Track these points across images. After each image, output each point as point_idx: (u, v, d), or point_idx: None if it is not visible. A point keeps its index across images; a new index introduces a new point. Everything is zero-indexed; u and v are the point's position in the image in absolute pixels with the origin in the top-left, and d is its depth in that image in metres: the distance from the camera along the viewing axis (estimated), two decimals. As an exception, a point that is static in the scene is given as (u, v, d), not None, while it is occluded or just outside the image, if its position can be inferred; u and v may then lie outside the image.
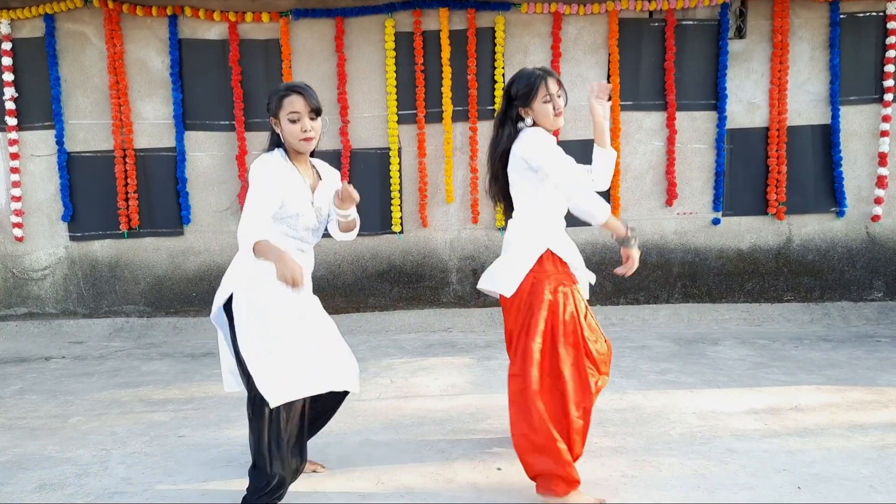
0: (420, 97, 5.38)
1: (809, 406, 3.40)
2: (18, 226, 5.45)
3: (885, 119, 5.40)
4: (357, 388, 2.55)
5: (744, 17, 5.39)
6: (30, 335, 5.36)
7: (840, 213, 5.49)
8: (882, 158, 5.44)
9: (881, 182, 5.45)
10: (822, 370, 4.02)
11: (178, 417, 3.45)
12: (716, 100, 5.44)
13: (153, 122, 5.42)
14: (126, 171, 5.39)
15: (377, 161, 5.47)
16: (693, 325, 5.28)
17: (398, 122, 5.41)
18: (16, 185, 5.40)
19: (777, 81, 5.38)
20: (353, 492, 2.56)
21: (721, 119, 5.42)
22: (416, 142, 5.45)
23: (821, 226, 5.55)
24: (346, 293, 5.58)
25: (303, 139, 2.39)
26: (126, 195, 5.41)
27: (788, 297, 5.58)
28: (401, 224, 5.50)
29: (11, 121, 5.34)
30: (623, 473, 2.66)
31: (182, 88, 5.36)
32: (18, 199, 5.42)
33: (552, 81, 2.60)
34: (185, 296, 5.55)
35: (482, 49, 5.37)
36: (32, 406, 3.71)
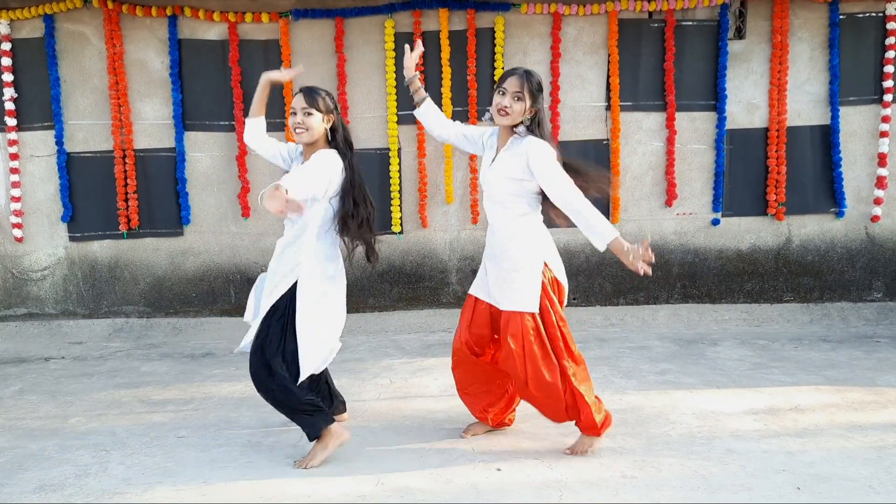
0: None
1: (809, 406, 3.40)
2: (18, 226, 5.44)
3: (885, 119, 5.40)
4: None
5: (743, 18, 5.39)
6: (29, 336, 5.36)
7: (839, 214, 5.49)
8: (881, 159, 5.45)
9: (881, 183, 5.46)
10: (822, 371, 4.02)
11: (178, 418, 3.45)
12: (715, 100, 5.44)
13: (153, 123, 5.42)
14: (126, 172, 5.39)
15: (377, 161, 5.47)
16: (693, 326, 5.29)
17: (398, 123, 5.41)
18: (15, 186, 5.40)
19: (776, 82, 5.38)
20: (354, 493, 2.56)
21: (720, 119, 5.42)
22: (416, 142, 5.45)
23: (820, 226, 5.55)
24: (346, 293, 5.56)
25: (293, 128, 2.83)
26: (126, 195, 5.41)
27: (788, 298, 5.58)
28: (400, 224, 5.50)
29: (11, 121, 5.34)
30: (623, 474, 2.67)
31: (182, 89, 5.36)
32: (18, 200, 5.42)
33: (515, 79, 2.69)
34: (185, 296, 5.55)
35: (482, 49, 5.38)
36: (32, 406, 3.70)
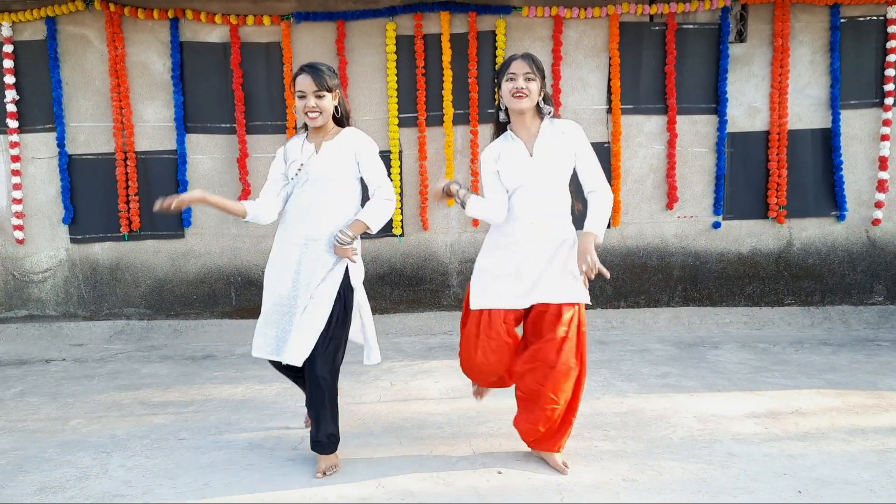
0: (421, 100, 5.38)
1: (810, 410, 3.40)
2: (19, 228, 5.45)
3: (886, 123, 5.40)
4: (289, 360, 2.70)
5: (744, 21, 5.40)
6: (30, 337, 5.36)
7: (840, 217, 5.49)
8: (882, 162, 5.45)
9: (882, 186, 5.46)
10: (823, 374, 4.02)
11: (179, 420, 3.45)
12: (716, 103, 5.44)
13: (154, 125, 5.43)
14: (127, 174, 5.39)
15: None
16: (693, 329, 5.28)
17: (399, 125, 5.41)
18: (17, 188, 5.41)
19: (777, 85, 5.39)
20: (354, 495, 2.56)
21: (721, 123, 5.42)
22: (417, 145, 5.45)
23: (821, 229, 5.55)
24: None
25: (306, 113, 2.67)
26: (127, 198, 5.42)
27: (789, 301, 5.58)
28: (401, 227, 5.51)
29: (13, 123, 5.35)
30: (624, 477, 2.66)
31: (183, 91, 5.37)
32: (19, 202, 5.43)
33: (520, 62, 2.60)
34: (186, 298, 5.55)
35: (483, 52, 5.38)
36: (33, 408, 3.70)
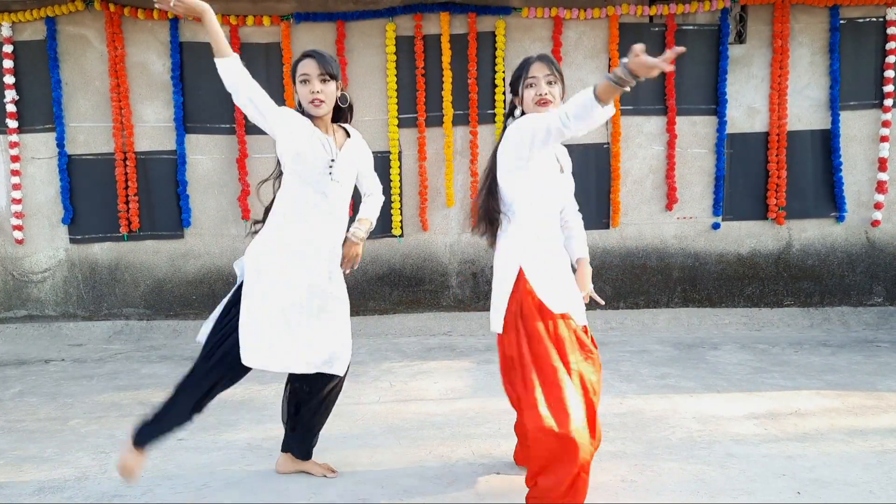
0: (421, 101, 5.38)
1: (809, 411, 3.40)
2: (19, 228, 5.45)
3: (885, 124, 5.41)
4: (333, 370, 2.53)
5: (744, 23, 5.40)
6: (29, 337, 5.36)
7: (840, 218, 5.50)
8: (882, 163, 5.45)
9: (881, 187, 5.46)
10: (822, 375, 4.02)
11: (178, 420, 3.44)
12: (716, 104, 5.45)
13: (154, 125, 5.43)
14: (126, 174, 5.39)
15: (378, 164, 5.38)
16: (693, 330, 5.28)
17: (399, 126, 5.41)
18: (16, 188, 5.41)
19: (777, 86, 5.39)
20: (353, 496, 2.56)
21: (721, 124, 5.43)
22: (417, 145, 5.45)
23: (821, 231, 5.55)
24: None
25: (311, 101, 2.45)
26: (126, 198, 5.42)
27: (788, 302, 5.58)
28: (401, 228, 5.51)
29: (12, 123, 5.35)
30: (623, 478, 2.66)
31: (183, 91, 5.37)
32: (19, 202, 5.42)
33: (539, 64, 2.38)
34: (185, 299, 5.55)
35: (483, 53, 5.38)
36: (32, 408, 3.70)
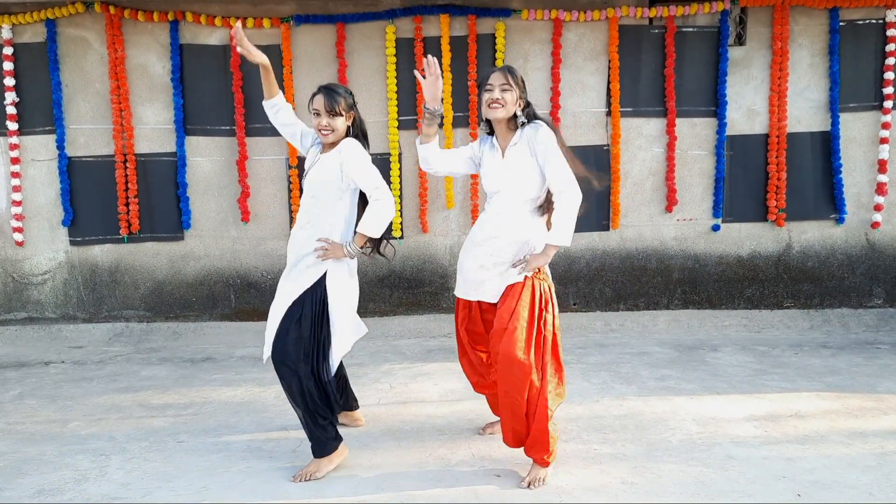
0: (420, 103, 5.39)
1: (809, 413, 3.40)
2: (19, 230, 5.45)
3: (885, 126, 5.41)
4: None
5: (743, 24, 5.41)
6: (29, 340, 5.36)
7: (840, 220, 5.50)
8: (882, 165, 5.46)
9: (881, 189, 5.46)
10: (822, 377, 4.02)
11: (178, 423, 3.45)
12: (716, 106, 5.45)
13: (154, 127, 5.43)
14: (126, 176, 5.39)
15: (378, 167, 5.42)
16: (693, 332, 5.28)
17: (399, 128, 5.42)
18: (16, 190, 5.41)
19: (777, 88, 5.39)
20: (353, 498, 2.56)
21: (721, 125, 5.43)
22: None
23: (820, 232, 5.55)
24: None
25: (318, 130, 2.86)
26: (126, 200, 5.42)
27: (788, 304, 5.58)
28: (401, 229, 5.51)
29: (12, 125, 5.35)
30: (623, 480, 2.66)
31: (183, 93, 5.37)
32: (19, 204, 5.43)
33: (497, 74, 2.73)
34: (185, 301, 5.55)
35: (483, 55, 5.39)
36: (31, 411, 3.70)
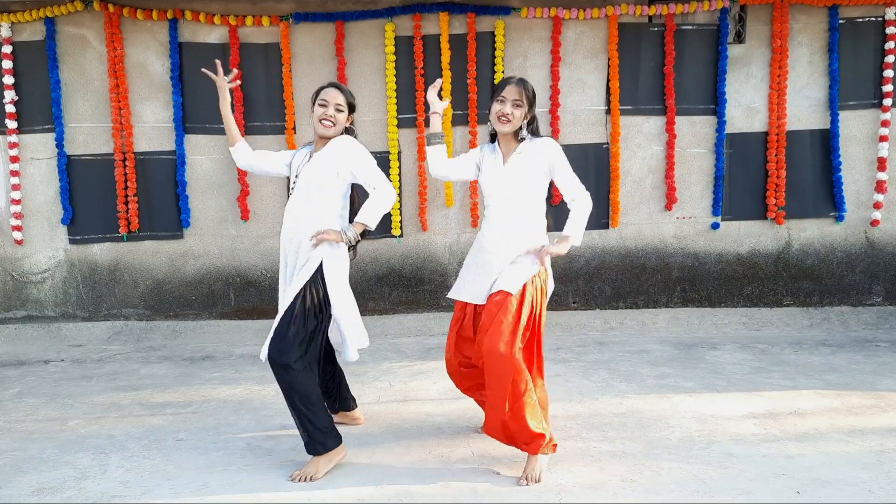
0: (420, 101, 5.38)
1: (809, 411, 3.40)
2: (18, 229, 5.44)
3: (884, 124, 5.41)
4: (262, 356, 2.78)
5: (743, 22, 5.41)
6: (29, 338, 5.36)
7: (839, 218, 5.50)
8: (881, 163, 5.46)
9: (880, 187, 5.46)
10: (822, 375, 4.02)
11: (177, 421, 3.45)
12: (715, 104, 5.45)
13: (153, 126, 5.43)
14: (126, 175, 5.39)
15: (377, 165, 5.46)
16: (692, 330, 5.28)
17: (398, 126, 5.41)
18: (15, 188, 5.40)
19: (776, 86, 5.39)
20: (352, 496, 2.56)
21: (720, 123, 5.43)
22: (416, 146, 5.45)
23: (820, 230, 5.56)
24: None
25: (321, 119, 2.87)
26: (126, 198, 5.42)
27: (788, 302, 5.58)
28: (400, 228, 5.50)
29: (11, 124, 5.34)
30: (622, 478, 2.66)
31: (182, 92, 5.37)
32: (18, 202, 5.42)
33: (513, 87, 2.76)
34: (185, 299, 5.55)
35: (482, 53, 5.39)
36: (31, 409, 3.70)
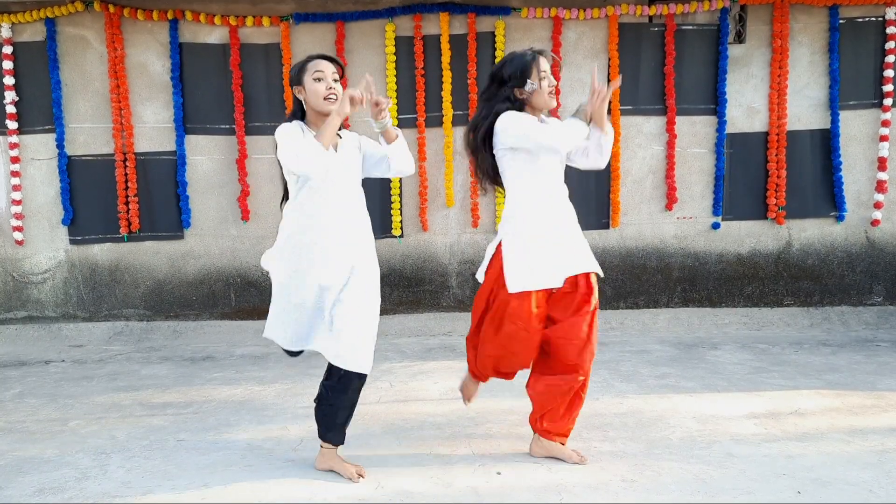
0: (420, 101, 5.39)
1: (809, 410, 3.40)
2: (19, 229, 5.45)
3: (885, 124, 5.41)
4: (339, 361, 2.58)
5: (743, 22, 5.41)
6: (29, 339, 5.36)
7: (840, 218, 5.50)
8: (881, 163, 5.45)
9: (881, 187, 5.46)
10: (822, 374, 4.02)
11: (178, 421, 3.45)
12: (715, 104, 5.45)
13: (154, 126, 5.43)
14: (126, 175, 5.39)
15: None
16: (693, 330, 5.28)
17: (398, 126, 5.41)
18: (16, 189, 5.41)
19: (776, 86, 5.39)
20: (353, 496, 2.56)
21: (721, 123, 5.43)
22: (417, 146, 5.45)
23: (820, 230, 5.55)
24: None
25: (326, 97, 2.53)
26: (126, 199, 5.42)
27: (788, 302, 5.58)
28: (401, 228, 5.50)
29: (12, 124, 5.34)
30: (623, 478, 2.66)
31: (182, 92, 5.37)
32: (19, 203, 5.42)
33: (544, 60, 2.68)
34: (185, 299, 5.55)
35: (482, 53, 5.39)
36: (32, 410, 3.70)
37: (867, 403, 3.48)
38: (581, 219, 2.83)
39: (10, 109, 5.32)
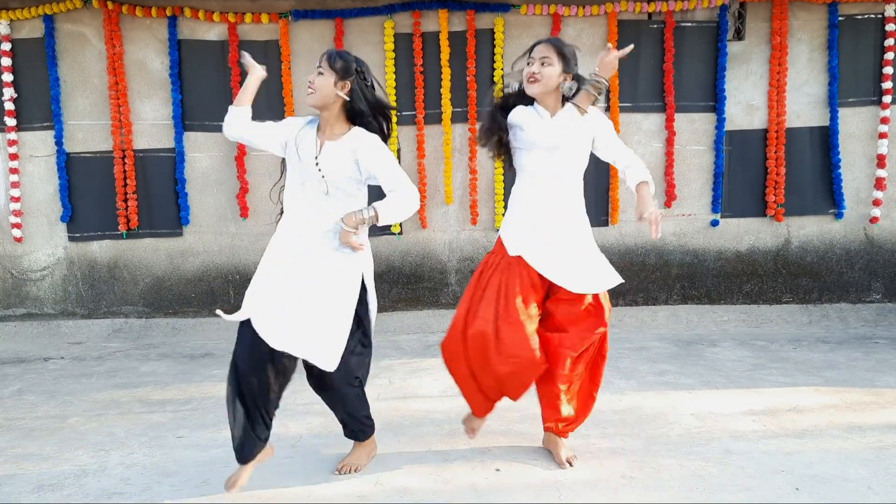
0: (419, 98, 5.38)
1: (808, 407, 3.40)
2: (17, 226, 5.44)
3: (884, 121, 5.41)
4: (323, 364, 2.52)
5: (742, 19, 5.40)
6: (28, 336, 5.36)
7: (838, 215, 5.50)
8: (880, 160, 5.45)
9: (879, 184, 5.46)
10: (821, 371, 4.02)
11: (177, 418, 3.45)
12: (714, 101, 5.44)
13: (152, 123, 5.42)
14: (125, 172, 5.39)
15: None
16: (692, 327, 5.29)
17: (397, 123, 5.41)
18: (15, 186, 5.40)
19: (776, 83, 5.39)
20: (352, 493, 2.56)
21: (720, 121, 5.42)
22: (416, 143, 5.45)
23: (819, 227, 5.56)
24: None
25: (307, 89, 2.64)
26: (125, 196, 5.41)
27: (787, 299, 5.59)
28: (400, 225, 5.50)
29: (10, 121, 5.34)
30: (622, 474, 2.67)
31: (181, 89, 5.36)
32: (17, 200, 5.42)
33: (539, 46, 2.66)
34: (184, 297, 5.55)
35: (481, 50, 5.38)
36: (31, 407, 3.70)
37: (865, 400, 3.48)
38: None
39: (9, 106, 5.31)
